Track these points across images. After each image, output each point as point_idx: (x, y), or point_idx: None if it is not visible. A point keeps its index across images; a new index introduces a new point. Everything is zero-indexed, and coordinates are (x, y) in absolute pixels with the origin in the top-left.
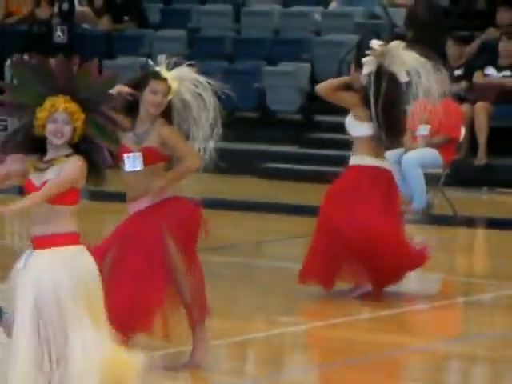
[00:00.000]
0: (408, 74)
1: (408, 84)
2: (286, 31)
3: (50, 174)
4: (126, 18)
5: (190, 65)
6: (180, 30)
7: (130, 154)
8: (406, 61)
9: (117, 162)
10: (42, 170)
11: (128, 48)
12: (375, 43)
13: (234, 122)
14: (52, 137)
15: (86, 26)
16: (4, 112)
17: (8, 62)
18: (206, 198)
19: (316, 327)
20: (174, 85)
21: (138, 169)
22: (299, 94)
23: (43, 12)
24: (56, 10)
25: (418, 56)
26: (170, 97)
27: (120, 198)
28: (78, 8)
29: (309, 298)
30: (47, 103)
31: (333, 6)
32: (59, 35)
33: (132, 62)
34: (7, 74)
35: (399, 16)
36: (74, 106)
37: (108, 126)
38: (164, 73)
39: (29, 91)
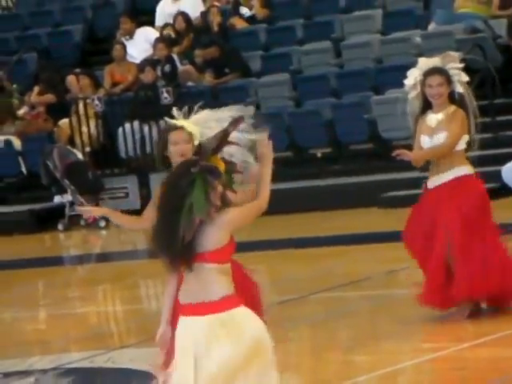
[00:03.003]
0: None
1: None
2: (388, 59)
3: None
4: (227, 70)
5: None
6: (283, 73)
7: None
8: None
9: None
10: None
11: (234, 99)
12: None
13: (347, 157)
14: None
15: (190, 83)
16: None
17: (119, 130)
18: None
19: (462, 349)
20: (194, 130)
21: None
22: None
23: (147, 77)
24: (159, 72)
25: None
26: (196, 142)
27: None
28: (180, 68)
29: (447, 322)
30: None
31: (432, 26)
32: (166, 97)
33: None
34: (119, 141)
35: (501, 27)
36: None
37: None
38: (179, 122)
39: None
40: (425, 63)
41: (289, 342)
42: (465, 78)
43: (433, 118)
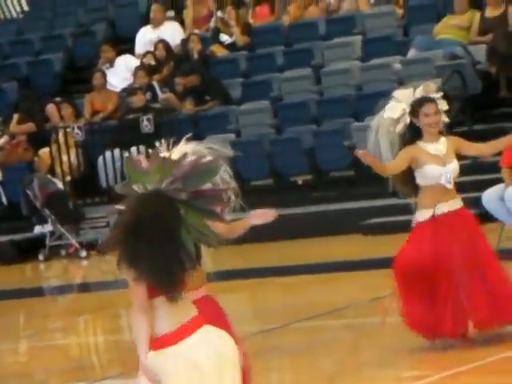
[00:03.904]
0: None
1: None
2: (368, 85)
3: None
4: (207, 97)
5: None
6: (263, 100)
7: None
8: None
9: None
10: None
11: (215, 127)
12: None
13: (328, 184)
14: None
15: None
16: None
17: (100, 159)
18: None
19: (445, 377)
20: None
21: None
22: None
23: (139, 100)
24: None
25: None
26: None
27: None
28: (160, 96)
29: (430, 350)
30: None
31: (411, 52)
32: (146, 125)
33: (220, 141)
34: (100, 170)
35: (480, 53)
36: None
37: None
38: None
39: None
40: (403, 95)
41: (270, 372)
42: (445, 106)
43: (438, 148)
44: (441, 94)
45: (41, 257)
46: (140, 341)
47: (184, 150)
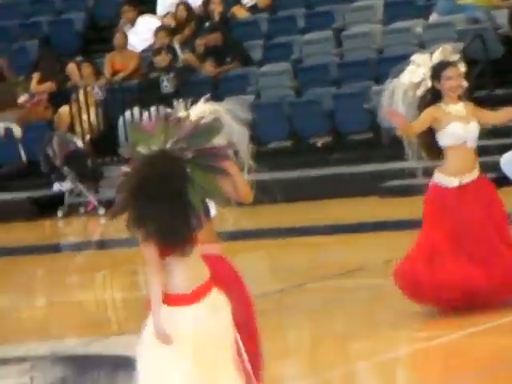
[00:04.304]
0: None
1: None
2: (390, 49)
3: None
4: (228, 59)
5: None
6: (284, 62)
7: None
8: None
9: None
10: None
11: (234, 88)
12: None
13: (347, 146)
14: None
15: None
16: None
17: (120, 118)
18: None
19: (459, 337)
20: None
21: None
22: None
23: (164, 60)
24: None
25: None
26: None
27: None
28: (180, 56)
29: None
30: None
31: (433, 17)
32: (166, 85)
33: (240, 102)
34: (120, 129)
35: (502, 17)
36: None
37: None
38: (182, 114)
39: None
40: (423, 59)
41: (287, 329)
42: (463, 68)
43: (458, 108)
44: (458, 56)
45: (60, 214)
46: (154, 299)
47: (202, 109)
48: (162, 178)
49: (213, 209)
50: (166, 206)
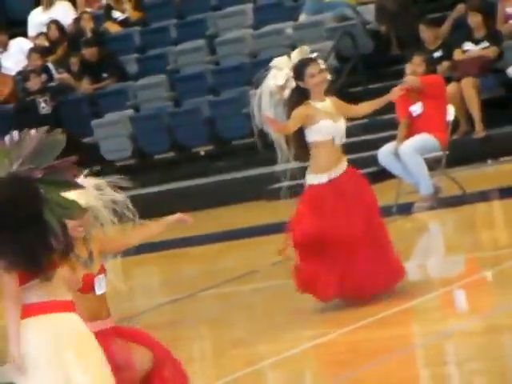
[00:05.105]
0: None
1: None
2: (263, 52)
3: None
4: (104, 75)
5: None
6: (160, 74)
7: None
8: None
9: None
10: None
11: (113, 104)
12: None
13: (231, 152)
14: None
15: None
16: None
17: None
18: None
19: (344, 333)
20: None
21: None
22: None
23: (35, 84)
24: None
25: None
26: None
27: None
28: (56, 76)
29: (331, 309)
30: None
31: (302, 17)
32: (43, 106)
33: (120, 117)
34: None
35: (369, 13)
36: None
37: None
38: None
39: None
40: (282, 62)
41: (188, 340)
42: (322, 64)
43: (326, 106)
44: (315, 54)
45: None
46: (12, 333)
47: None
48: (14, 204)
49: (103, 284)
50: (23, 232)
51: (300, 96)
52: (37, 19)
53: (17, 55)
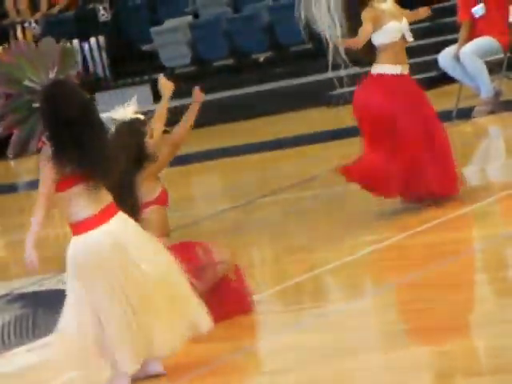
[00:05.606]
0: None
1: None
2: None
3: None
4: None
5: None
6: None
7: None
8: None
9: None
10: None
11: (172, 10)
12: None
13: (289, 59)
14: None
15: None
16: None
17: None
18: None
19: (405, 237)
20: None
21: None
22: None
23: None
24: None
25: None
26: None
27: None
28: None
29: (392, 213)
30: None
31: None
32: (103, 14)
33: (179, 23)
34: None
35: None
36: None
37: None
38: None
39: None
40: None
41: (249, 246)
42: None
43: (389, 6)
44: None
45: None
46: (33, 224)
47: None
48: (72, 103)
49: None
50: (89, 133)
51: None
52: None
53: None
